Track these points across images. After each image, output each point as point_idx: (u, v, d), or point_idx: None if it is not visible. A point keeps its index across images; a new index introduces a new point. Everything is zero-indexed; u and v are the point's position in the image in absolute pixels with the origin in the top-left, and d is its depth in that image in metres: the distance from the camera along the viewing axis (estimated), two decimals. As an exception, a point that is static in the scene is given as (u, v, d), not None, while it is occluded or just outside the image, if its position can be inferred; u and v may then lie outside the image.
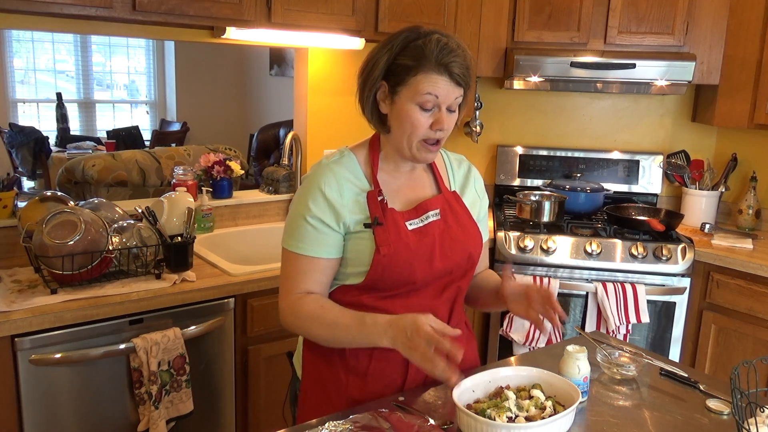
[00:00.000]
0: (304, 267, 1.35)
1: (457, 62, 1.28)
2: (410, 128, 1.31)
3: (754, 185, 2.94)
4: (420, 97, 1.29)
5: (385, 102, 1.35)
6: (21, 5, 1.80)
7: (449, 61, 1.27)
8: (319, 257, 1.35)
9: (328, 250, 1.35)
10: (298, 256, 1.35)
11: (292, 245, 1.36)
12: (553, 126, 3.28)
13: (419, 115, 1.30)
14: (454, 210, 1.44)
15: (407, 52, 1.30)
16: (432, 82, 1.28)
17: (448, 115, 1.32)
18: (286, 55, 6.87)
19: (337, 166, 1.37)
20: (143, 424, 1.86)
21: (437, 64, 1.27)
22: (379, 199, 1.36)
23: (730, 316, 2.58)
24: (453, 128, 1.37)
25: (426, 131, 1.31)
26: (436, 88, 1.28)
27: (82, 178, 3.79)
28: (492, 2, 2.85)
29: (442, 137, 1.34)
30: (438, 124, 1.31)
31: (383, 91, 1.34)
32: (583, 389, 1.35)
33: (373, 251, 1.32)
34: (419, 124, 1.31)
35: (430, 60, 1.27)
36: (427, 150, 1.34)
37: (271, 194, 2.79)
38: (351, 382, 1.38)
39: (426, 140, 1.33)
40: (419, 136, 1.32)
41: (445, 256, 1.38)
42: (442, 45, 1.28)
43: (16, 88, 6.92)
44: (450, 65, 1.27)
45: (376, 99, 1.36)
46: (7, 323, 1.65)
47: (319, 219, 1.33)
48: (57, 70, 7.25)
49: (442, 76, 1.28)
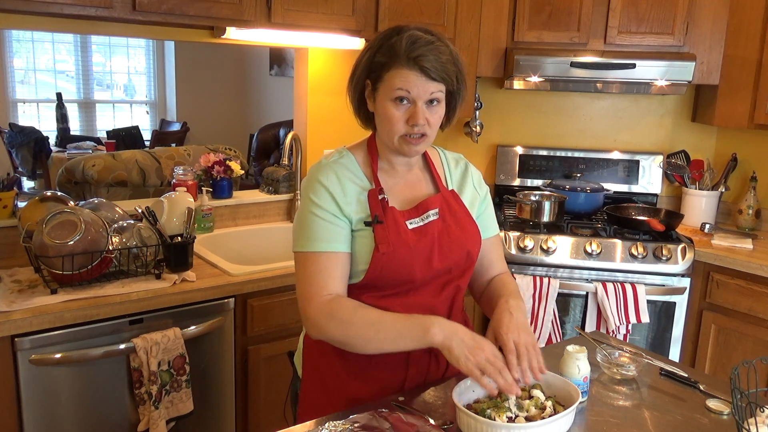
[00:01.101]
0: (322, 265, 1.33)
1: (428, 56, 1.29)
2: (388, 124, 1.33)
3: (754, 185, 2.94)
4: (393, 93, 1.31)
5: (370, 100, 1.38)
6: (21, 5, 1.80)
7: (418, 54, 1.28)
8: (336, 251, 1.33)
9: (343, 243, 1.34)
10: (315, 254, 1.33)
11: (305, 245, 1.34)
12: (553, 126, 3.28)
13: (394, 110, 1.32)
14: (452, 209, 1.44)
15: (382, 50, 1.33)
16: (402, 77, 1.29)
17: (427, 110, 1.32)
18: (286, 55, 6.87)
19: (337, 166, 1.38)
20: (143, 424, 1.86)
21: (407, 59, 1.29)
22: (380, 197, 1.36)
23: (730, 316, 2.57)
24: (447, 122, 1.39)
25: (403, 126, 1.32)
26: (407, 83, 1.29)
27: (82, 178, 3.79)
28: (492, 2, 2.85)
29: (422, 131, 1.33)
30: (413, 119, 1.31)
31: (368, 90, 1.37)
32: (583, 389, 1.35)
33: (372, 249, 1.32)
34: (395, 119, 1.32)
35: (400, 56, 1.29)
36: (408, 143, 1.34)
37: (271, 194, 2.79)
38: (352, 382, 1.38)
39: (406, 135, 1.33)
40: (397, 131, 1.33)
41: (444, 255, 1.38)
42: (413, 40, 1.30)
43: (16, 88, 6.92)
44: (419, 59, 1.28)
45: (364, 98, 1.39)
46: (7, 323, 1.65)
47: (326, 211, 1.33)
48: (57, 70, 7.25)
49: (412, 71, 1.29)
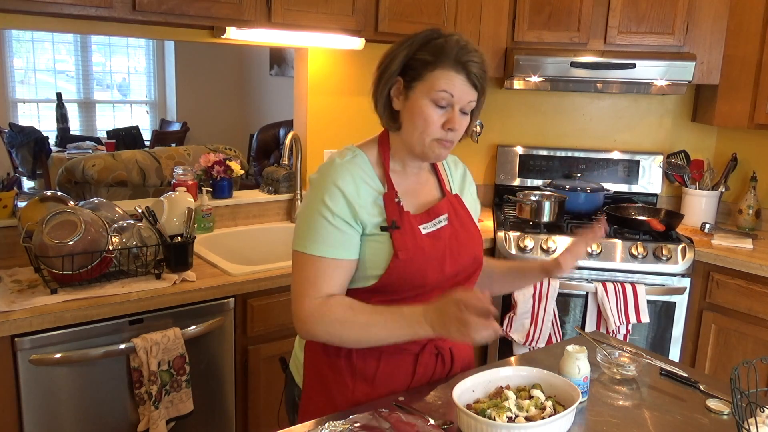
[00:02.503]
0: (324, 270, 1.30)
1: (475, 63, 1.29)
2: (422, 125, 1.30)
3: (754, 185, 2.94)
4: (435, 94, 1.28)
5: (399, 98, 1.34)
6: (21, 5, 1.80)
7: (468, 60, 1.28)
8: (341, 258, 1.30)
9: (349, 250, 1.31)
10: (318, 258, 1.29)
11: (310, 248, 1.30)
12: (553, 126, 3.28)
13: (432, 111, 1.29)
14: (458, 214, 1.44)
15: (427, 48, 1.30)
16: (449, 79, 1.28)
17: (460, 117, 1.31)
18: (286, 55, 6.87)
19: (352, 166, 1.34)
20: (143, 424, 1.86)
21: (456, 62, 1.28)
22: (396, 201, 1.34)
23: (730, 316, 2.57)
24: (464, 134, 1.37)
25: (438, 130, 1.30)
26: (452, 86, 1.28)
27: (82, 178, 3.79)
28: (492, 2, 2.85)
29: (453, 138, 1.33)
30: (450, 123, 1.30)
31: (398, 87, 1.33)
32: (583, 389, 1.35)
33: (390, 255, 1.30)
34: (431, 120, 1.30)
35: (449, 57, 1.28)
36: (442, 146, 1.33)
37: (271, 194, 2.79)
38: (358, 386, 1.37)
39: (438, 140, 1.32)
40: (431, 133, 1.30)
41: (455, 260, 1.38)
42: (462, 44, 1.29)
43: (16, 88, 6.92)
44: (468, 64, 1.28)
45: (390, 95, 1.35)
46: (7, 323, 1.65)
47: (339, 217, 1.29)
48: (57, 70, 7.25)
49: (459, 75, 1.28)
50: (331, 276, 1.30)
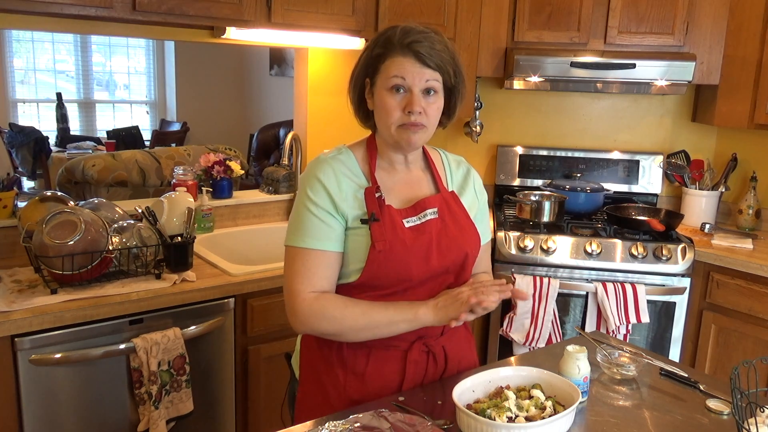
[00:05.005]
0: (312, 262, 1.33)
1: (423, 43, 1.31)
2: (385, 114, 1.34)
3: (754, 185, 2.94)
4: (389, 81, 1.33)
5: (370, 98, 1.39)
6: (21, 5, 1.80)
7: (412, 40, 1.31)
8: (326, 250, 1.34)
9: (333, 242, 1.34)
10: (306, 251, 1.33)
11: (297, 241, 1.35)
12: (553, 126, 3.28)
13: (391, 99, 1.33)
14: (452, 210, 1.44)
15: (379, 43, 1.36)
16: (397, 64, 1.32)
17: (423, 99, 1.33)
18: (286, 55, 6.87)
19: (334, 162, 1.39)
20: (143, 424, 1.86)
21: (401, 46, 1.32)
22: (376, 195, 1.37)
23: (730, 316, 2.57)
24: (450, 118, 1.42)
25: (400, 115, 1.33)
26: (402, 70, 1.32)
27: (82, 178, 3.79)
28: (492, 2, 2.85)
29: (420, 121, 1.34)
30: (409, 106, 1.32)
31: (368, 89, 1.39)
32: (583, 389, 1.35)
33: (368, 247, 1.33)
34: (391, 107, 1.33)
35: (394, 44, 1.33)
36: (409, 131, 1.34)
37: (271, 194, 2.79)
38: (349, 381, 1.38)
39: (403, 124, 1.34)
40: (395, 120, 1.34)
41: (442, 255, 1.38)
42: (407, 30, 1.33)
43: (16, 88, 6.92)
44: (412, 45, 1.31)
45: (364, 98, 1.41)
46: (7, 323, 1.65)
47: (320, 207, 1.34)
48: (57, 70, 7.25)
49: (407, 57, 1.32)
50: (317, 269, 1.34)
